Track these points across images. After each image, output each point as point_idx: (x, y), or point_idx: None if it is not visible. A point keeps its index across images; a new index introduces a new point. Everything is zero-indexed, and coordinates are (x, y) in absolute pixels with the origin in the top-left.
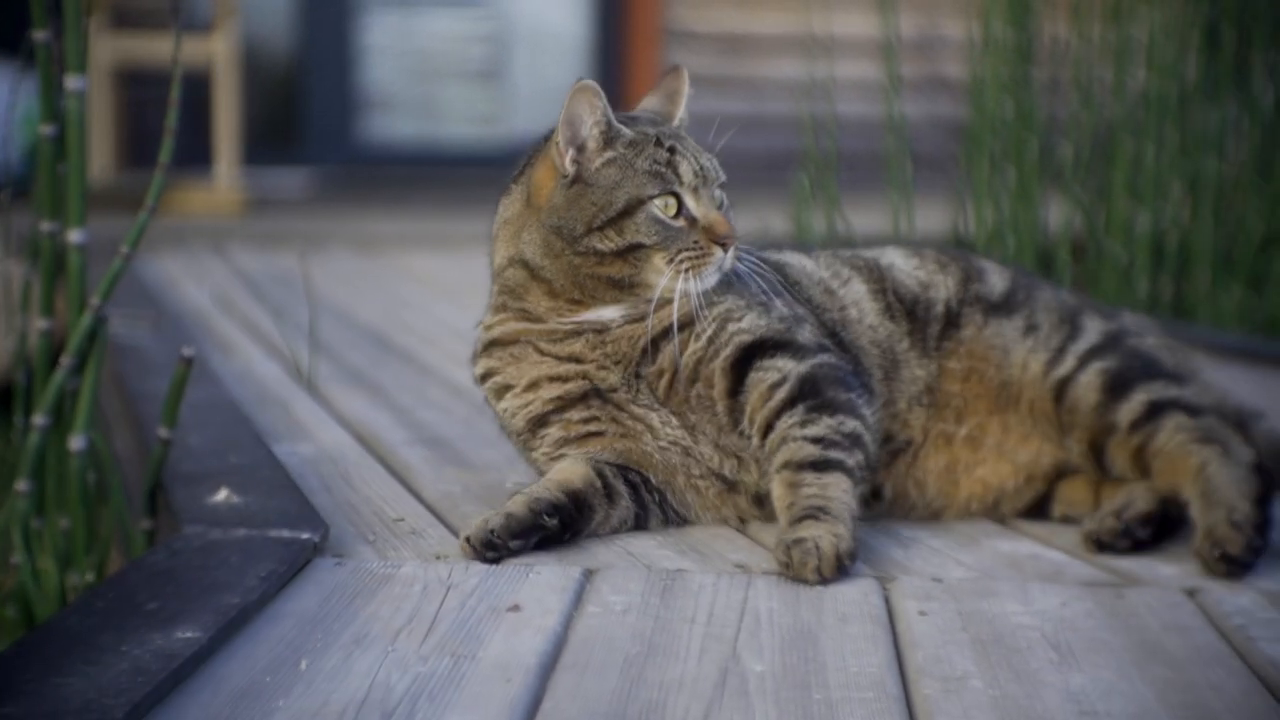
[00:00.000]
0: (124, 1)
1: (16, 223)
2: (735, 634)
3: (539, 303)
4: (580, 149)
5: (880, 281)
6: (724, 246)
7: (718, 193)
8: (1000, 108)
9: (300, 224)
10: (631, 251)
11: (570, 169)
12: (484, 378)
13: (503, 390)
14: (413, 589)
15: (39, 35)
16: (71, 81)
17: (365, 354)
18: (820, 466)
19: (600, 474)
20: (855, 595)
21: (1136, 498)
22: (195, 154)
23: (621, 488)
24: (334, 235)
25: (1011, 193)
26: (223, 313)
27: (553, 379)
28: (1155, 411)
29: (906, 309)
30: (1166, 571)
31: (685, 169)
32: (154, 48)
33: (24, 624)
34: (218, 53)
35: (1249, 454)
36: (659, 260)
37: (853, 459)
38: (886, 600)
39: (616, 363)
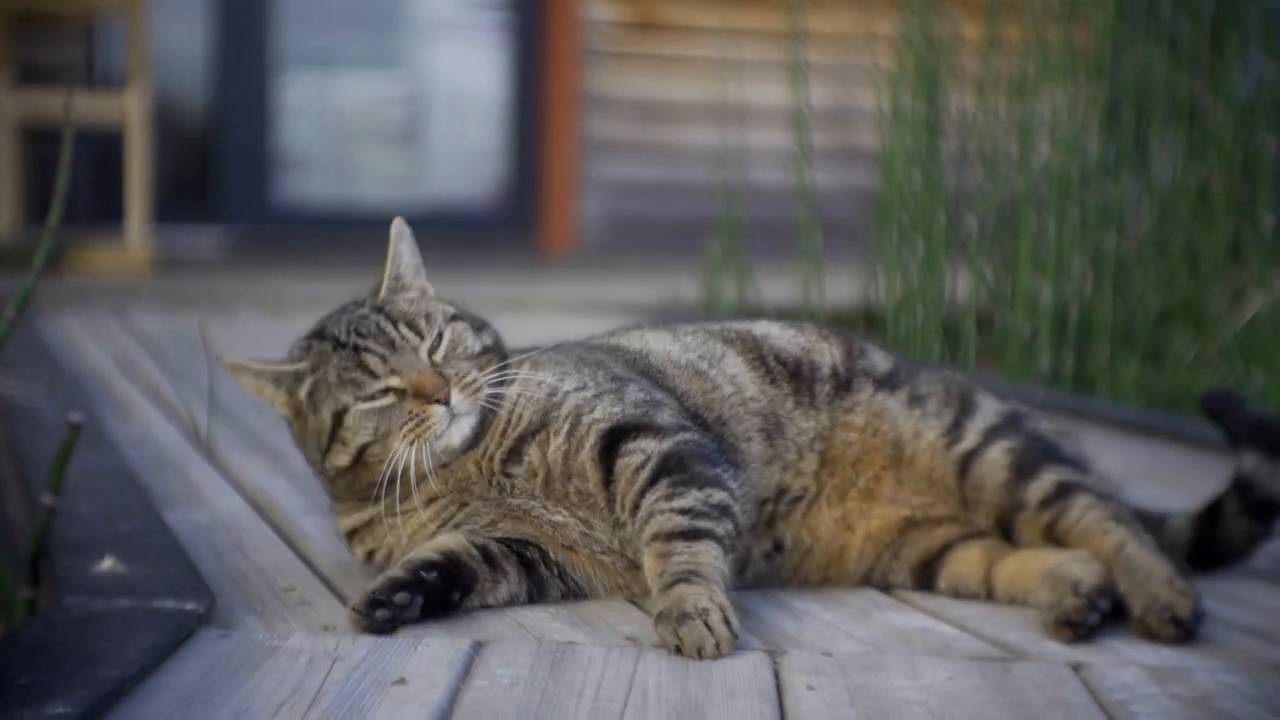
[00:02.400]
0: (32, 58)
1: None
2: (622, 709)
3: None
4: (287, 390)
5: (757, 350)
6: (440, 402)
7: (430, 342)
8: (909, 179)
9: (211, 284)
10: (365, 451)
11: (287, 411)
12: (369, 557)
13: (390, 556)
14: (298, 661)
15: None
16: None
17: (266, 418)
18: (690, 535)
19: (482, 547)
20: (744, 669)
21: (1077, 574)
22: (106, 212)
23: (509, 564)
24: (244, 296)
25: (920, 263)
26: (123, 374)
27: (427, 521)
28: (1065, 491)
29: (790, 371)
30: (1052, 647)
31: (373, 361)
32: (60, 103)
33: None
34: (130, 110)
35: (1152, 541)
36: (394, 442)
37: (722, 528)
38: (776, 674)
39: (476, 482)
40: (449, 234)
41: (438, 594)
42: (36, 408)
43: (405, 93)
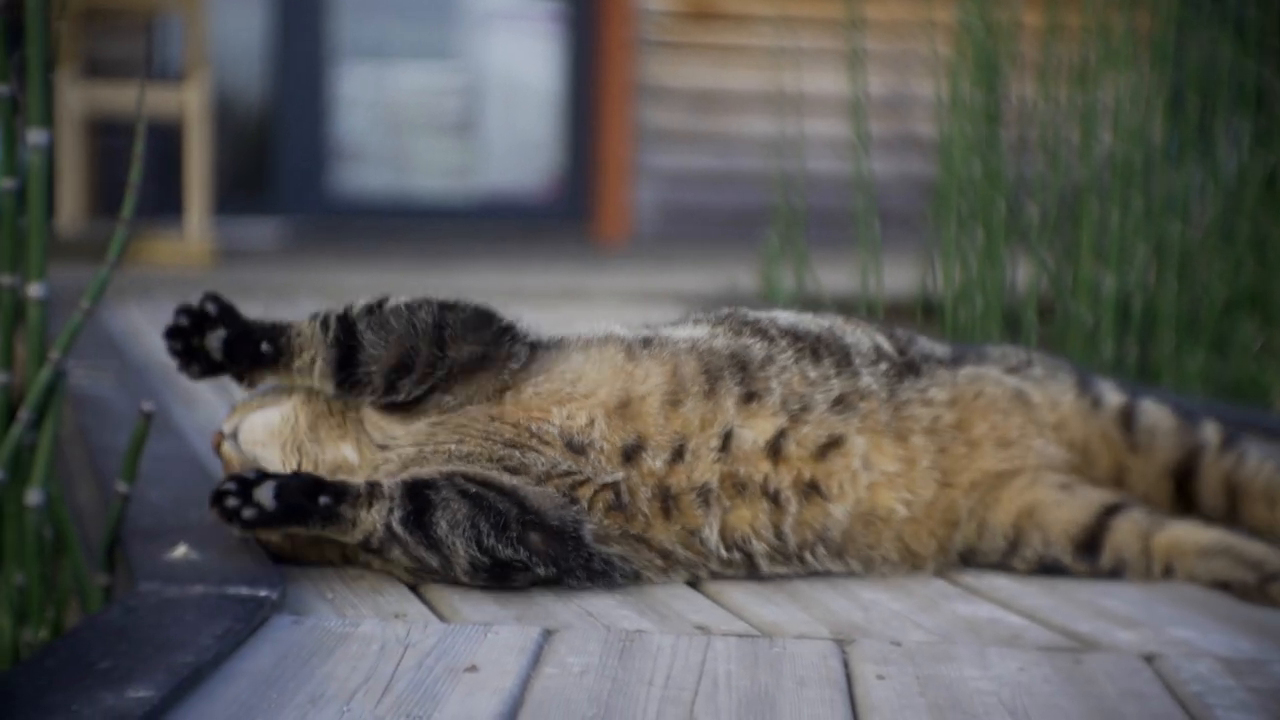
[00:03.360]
0: (96, 51)
1: None
2: (692, 697)
3: None
4: None
5: (741, 318)
6: None
7: None
8: (968, 167)
9: (270, 275)
10: None
11: None
12: None
13: None
14: (370, 648)
15: (1, 89)
16: (34, 135)
17: None
18: None
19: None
20: (813, 658)
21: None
22: (166, 204)
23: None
24: (303, 286)
25: (979, 252)
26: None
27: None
28: (1235, 439)
29: (796, 336)
30: (1124, 637)
31: None
32: (126, 97)
33: None
34: (189, 103)
35: None
36: None
37: None
38: (845, 663)
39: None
40: (504, 225)
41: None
42: (105, 397)
43: (460, 83)
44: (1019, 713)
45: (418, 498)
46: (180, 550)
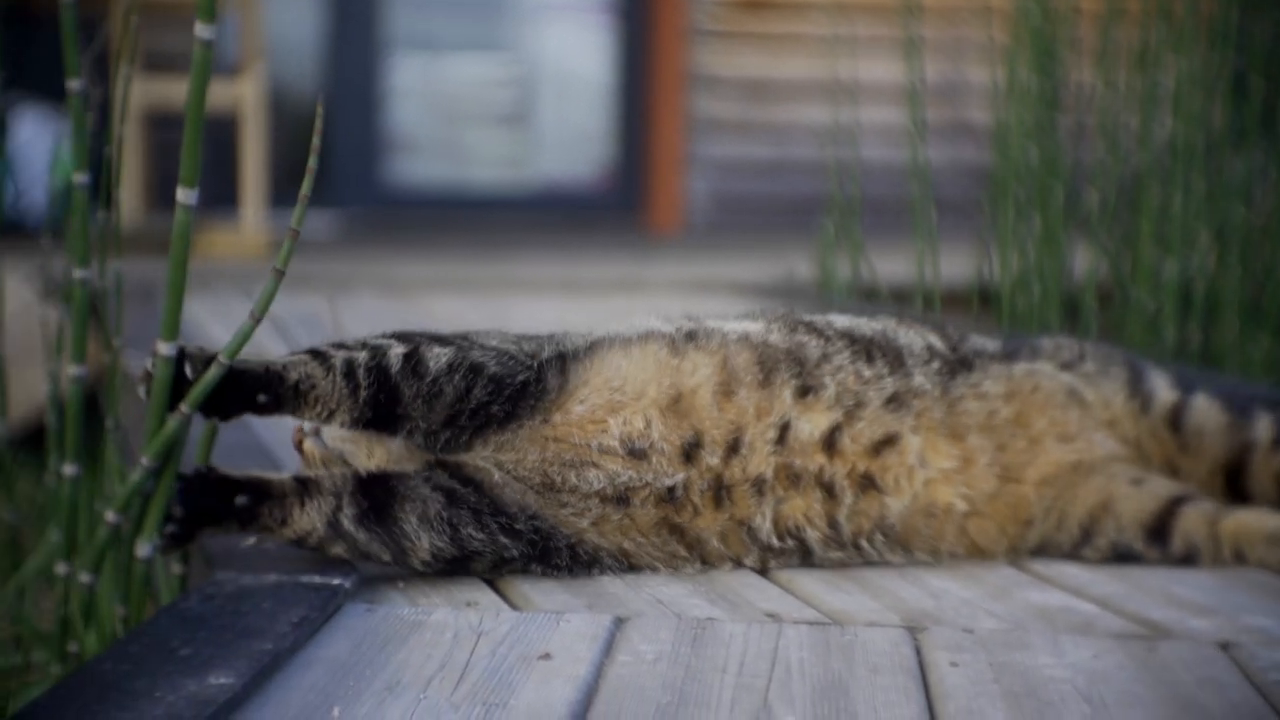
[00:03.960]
0: (151, 45)
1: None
2: (766, 684)
3: None
4: None
5: (796, 319)
6: None
7: None
8: (1025, 154)
9: (326, 266)
10: None
11: None
12: None
13: None
14: (444, 635)
15: (73, 84)
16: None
17: None
18: None
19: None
20: (885, 645)
21: None
22: (222, 197)
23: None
24: (360, 277)
25: (1036, 240)
26: (250, 354)
27: None
28: None
29: (852, 338)
30: (1198, 625)
31: None
32: (182, 91)
33: (59, 665)
34: (244, 96)
35: None
36: None
37: None
38: (918, 651)
39: None
40: (558, 215)
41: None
42: None
43: (513, 74)
44: (1095, 701)
45: (378, 491)
46: (252, 539)
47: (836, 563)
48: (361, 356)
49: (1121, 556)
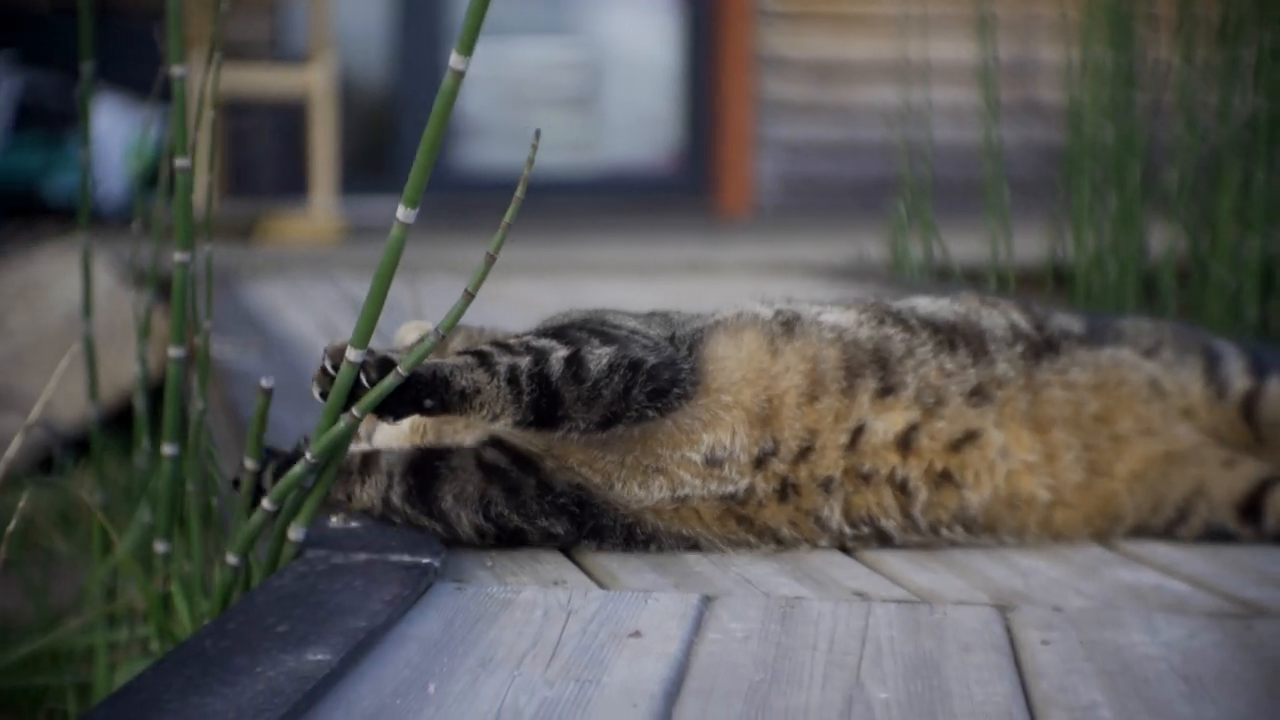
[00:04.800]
0: (222, 33)
1: (123, 251)
2: (857, 662)
3: None
4: None
5: (884, 309)
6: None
7: None
8: (1100, 132)
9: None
10: None
11: None
12: None
13: None
14: (534, 614)
15: (176, 71)
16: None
17: None
18: None
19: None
20: (975, 624)
21: None
22: (293, 183)
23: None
24: (432, 262)
25: (1112, 218)
26: (328, 338)
27: None
28: None
29: (935, 326)
30: None
31: None
32: (251, 79)
33: (157, 640)
34: (314, 83)
35: None
36: None
37: None
38: (1008, 629)
39: None
40: (626, 198)
41: None
42: (252, 372)
43: (579, 58)
44: (1192, 679)
45: (423, 471)
46: (335, 518)
47: (917, 545)
48: (524, 363)
49: (1215, 535)
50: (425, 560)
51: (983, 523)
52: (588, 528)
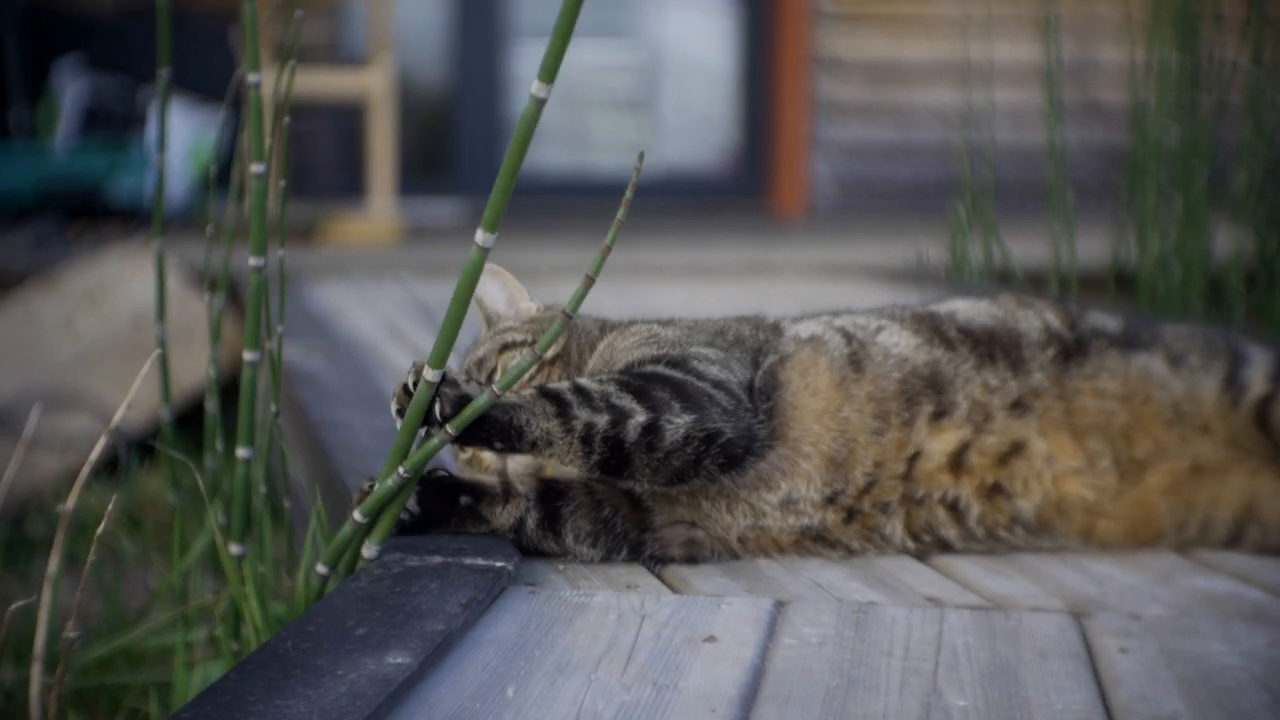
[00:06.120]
0: (297, 41)
1: (185, 253)
2: (934, 668)
3: None
4: None
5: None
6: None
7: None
8: (1165, 134)
9: (457, 253)
10: None
11: None
12: None
13: None
14: (608, 617)
15: (252, 78)
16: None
17: None
18: None
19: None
20: (1051, 631)
21: None
22: (351, 184)
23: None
24: (491, 262)
25: (1178, 221)
26: (392, 339)
27: None
28: None
29: (975, 339)
30: None
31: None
32: (309, 82)
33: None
34: (373, 85)
35: None
36: None
37: None
38: (1083, 636)
39: None
40: (682, 200)
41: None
42: (318, 373)
43: (636, 60)
44: (1276, 690)
45: (549, 503)
46: (404, 516)
47: (981, 551)
48: (601, 423)
49: (1276, 552)
50: (499, 564)
51: (1037, 525)
52: (685, 556)
